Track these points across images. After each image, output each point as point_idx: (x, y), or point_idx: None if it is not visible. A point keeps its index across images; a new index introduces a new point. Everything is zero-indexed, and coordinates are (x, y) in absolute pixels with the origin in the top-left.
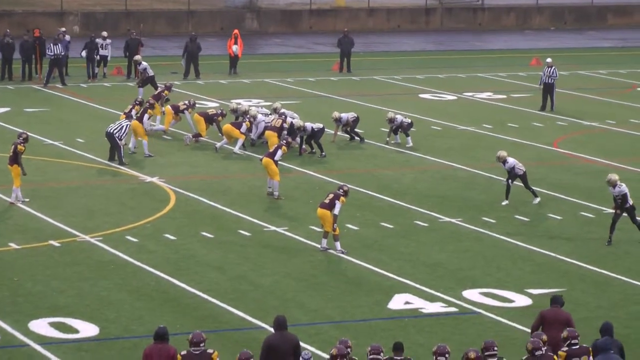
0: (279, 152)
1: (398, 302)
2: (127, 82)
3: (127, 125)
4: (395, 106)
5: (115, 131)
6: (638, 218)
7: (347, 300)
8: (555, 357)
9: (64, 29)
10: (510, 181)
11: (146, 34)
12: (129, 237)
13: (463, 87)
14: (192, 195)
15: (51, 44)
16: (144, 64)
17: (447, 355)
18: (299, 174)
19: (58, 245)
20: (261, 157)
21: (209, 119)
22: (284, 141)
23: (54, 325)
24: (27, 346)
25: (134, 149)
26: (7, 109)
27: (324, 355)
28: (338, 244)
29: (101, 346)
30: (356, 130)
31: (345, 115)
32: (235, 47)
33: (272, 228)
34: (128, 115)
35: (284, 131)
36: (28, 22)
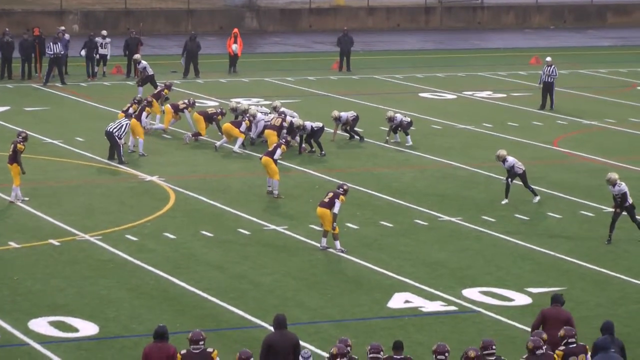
0: (278, 151)
1: (398, 301)
2: (127, 81)
3: (126, 124)
4: (395, 105)
5: (114, 130)
6: (638, 217)
7: (347, 299)
8: (555, 356)
9: (63, 27)
10: (509, 180)
11: (146, 32)
12: (129, 236)
13: (463, 86)
14: (191, 194)
15: (51, 43)
16: (144, 62)
17: (447, 354)
18: (299, 172)
19: (58, 244)
20: (260, 156)
21: (209, 118)
22: (283, 140)
23: (53, 324)
24: (27, 345)
25: (133, 147)
26: (7, 107)
27: (323, 354)
28: (338, 243)
29: (101, 345)
30: (356, 129)
31: (344, 114)
32: (234, 46)
33: (272, 227)
34: (127, 114)
35: (284, 130)
36: (28, 21)
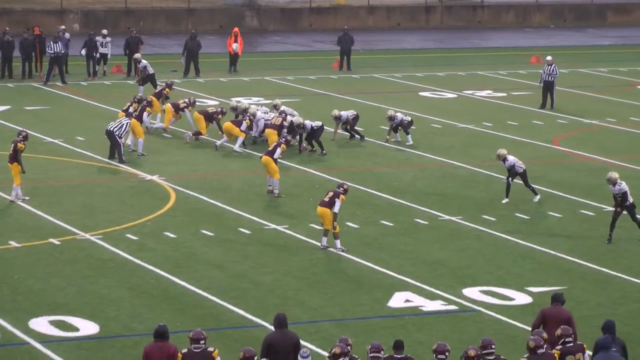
0: (278, 151)
1: (398, 300)
2: (127, 80)
3: (127, 123)
4: (396, 104)
5: (115, 129)
6: (638, 216)
7: (348, 298)
8: (559, 355)
9: (63, 26)
10: (510, 179)
11: (146, 32)
12: (129, 235)
13: (463, 85)
14: (192, 193)
15: (51, 42)
16: (144, 62)
17: (447, 353)
18: (299, 172)
19: (58, 243)
20: (261, 155)
21: (209, 117)
22: (283, 139)
23: (54, 323)
24: (27, 344)
25: (133, 147)
26: (7, 107)
27: (324, 354)
28: (338, 242)
29: (101, 344)
30: (356, 128)
31: (345, 113)
32: (235, 45)
33: (273, 226)
34: (127, 113)
35: (284, 130)
36: (28, 20)
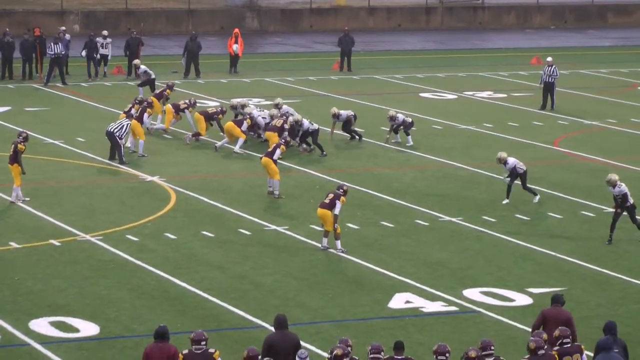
0: (278, 152)
1: (398, 301)
2: (128, 81)
3: (127, 124)
4: (396, 105)
5: (115, 130)
6: (638, 217)
7: (348, 300)
8: (557, 356)
9: (64, 28)
10: (511, 181)
11: (146, 33)
12: (129, 236)
13: (463, 86)
14: (192, 194)
15: (52, 43)
16: (143, 67)
17: (448, 355)
18: (300, 173)
19: (58, 244)
20: (261, 156)
21: (209, 118)
22: (283, 140)
23: (54, 324)
24: (28, 345)
25: (134, 148)
26: (8, 108)
27: (324, 355)
28: (339, 243)
29: (101, 345)
30: (354, 128)
31: (344, 112)
32: (235, 46)
33: (273, 227)
34: (128, 114)
35: (285, 132)
36: (28, 21)
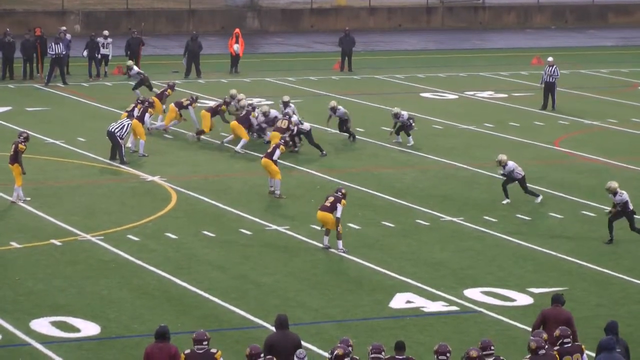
0: (277, 152)
1: (399, 301)
2: (128, 81)
3: (128, 124)
4: (397, 105)
5: (116, 130)
6: (637, 226)
7: (349, 300)
8: (557, 355)
9: (65, 28)
10: (504, 181)
11: (147, 33)
12: (130, 236)
13: (464, 86)
14: (193, 194)
15: (52, 43)
16: (136, 68)
17: (449, 354)
18: (301, 173)
19: (59, 244)
20: (261, 156)
21: (215, 112)
22: (282, 140)
23: (55, 324)
24: (29, 345)
25: (134, 148)
26: (9, 108)
27: (325, 354)
28: (340, 243)
29: (102, 345)
30: (349, 129)
31: (342, 109)
32: (236, 46)
33: (274, 227)
34: (130, 114)
35: (291, 132)
36: (29, 21)
